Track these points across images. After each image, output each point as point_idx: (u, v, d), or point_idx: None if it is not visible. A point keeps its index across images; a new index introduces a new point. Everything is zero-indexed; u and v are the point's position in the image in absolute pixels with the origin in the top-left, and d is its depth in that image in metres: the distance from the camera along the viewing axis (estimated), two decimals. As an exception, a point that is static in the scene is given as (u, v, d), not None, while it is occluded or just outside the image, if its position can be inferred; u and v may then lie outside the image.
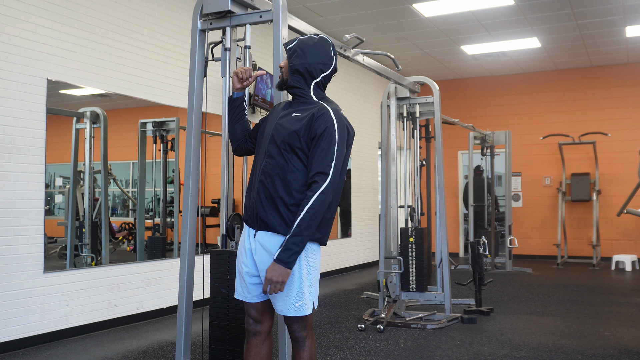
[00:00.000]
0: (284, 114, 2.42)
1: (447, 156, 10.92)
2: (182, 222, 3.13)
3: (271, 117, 2.50)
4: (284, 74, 2.47)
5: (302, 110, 2.37)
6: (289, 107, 2.45)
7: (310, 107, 2.36)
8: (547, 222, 10.34)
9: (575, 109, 10.22)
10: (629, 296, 6.56)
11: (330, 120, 2.28)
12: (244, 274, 2.40)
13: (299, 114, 2.34)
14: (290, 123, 2.33)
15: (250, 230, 2.40)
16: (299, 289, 2.32)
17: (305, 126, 2.29)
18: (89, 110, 5.12)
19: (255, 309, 2.42)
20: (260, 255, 2.34)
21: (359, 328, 4.85)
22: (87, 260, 5.09)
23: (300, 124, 2.30)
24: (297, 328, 2.38)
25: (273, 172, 2.31)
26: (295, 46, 2.43)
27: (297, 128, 2.29)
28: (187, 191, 3.13)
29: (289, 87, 2.47)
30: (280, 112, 2.46)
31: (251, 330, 2.45)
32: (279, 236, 2.30)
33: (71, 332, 4.62)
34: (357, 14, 7.28)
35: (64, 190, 5.12)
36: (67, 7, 4.66)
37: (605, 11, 7.24)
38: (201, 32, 3.13)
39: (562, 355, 4.08)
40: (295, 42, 2.45)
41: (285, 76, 2.46)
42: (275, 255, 2.21)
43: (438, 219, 5.52)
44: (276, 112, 2.49)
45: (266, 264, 2.31)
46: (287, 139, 2.30)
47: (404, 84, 5.40)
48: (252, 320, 2.44)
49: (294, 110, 2.40)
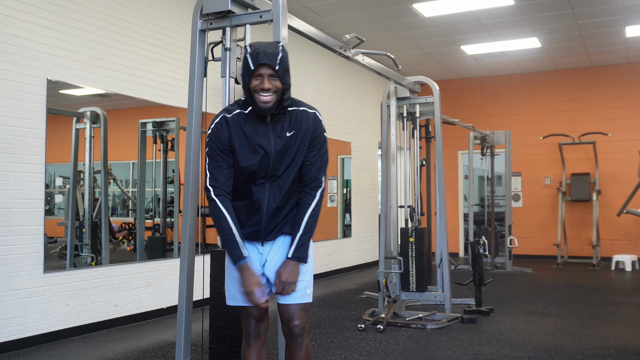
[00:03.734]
0: (280, 136, 2.32)
1: (447, 156, 10.92)
2: (182, 222, 3.13)
3: (249, 135, 2.30)
4: (277, 93, 2.25)
5: (292, 124, 2.34)
6: (269, 124, 2.32)
7: (295, 116, 2.35)
8: (547, 222, 10.34)
9: (575, 109, 10.22)
10: (629, 296, 6.56)
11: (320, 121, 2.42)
12: None
13: (294, 131, 2.33)
14: (294, 144, 2.33)
15: (256, 244, 2.40)
16: (309, 276, 2.43)
17: (306, 138, 2.34)
18: (89, 110, 5.12)
19: (258, 310, 2.41)
20: (273, 256, 2.39)
21: (359, 328, 4.85)
22: (87, 260, 5.09)
23: (303, 139, 2.33)
24: (301, 320, 2.40)
25: (284, 188, 2.35)
26: (285, 60, 2.27)
27: (300, 145, 2.33)
28: (187, 191, 3.13)
29: (282, 107, 2.30)
30: (262, 130, 2.31)
31: (253, 331, 2.43)
32: (288, 236, 2.40)
33: (71, 332, 4.62)
34: (357, 14, 7.28)
35: (64, 190, 5.12)
36: (67, 7, 4.66)
37: (605, 11, 7.24)
38: (201, 32, 3.13)
39: (562, 355, 4.08)
40: (281, 54, 2.25)
41: (279, 95, 2.26)
42: (289, 254, 2.31)
43: (438, 219, 5.52)
44: (254, 129, 2.31)
45: (278, 263, 2.37)
46: (297, 158, 2.33)
47: (404, 84, 5.40)
48: (255, 321, 2.42)
49: (281, 127, 2.32)
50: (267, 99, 2.23)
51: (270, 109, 2.25)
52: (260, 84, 2.23)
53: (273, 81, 2.24)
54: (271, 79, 2.23)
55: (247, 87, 2.27)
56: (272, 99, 2.24)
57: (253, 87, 2.25)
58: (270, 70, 2.23)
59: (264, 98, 2.23)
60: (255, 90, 2.24)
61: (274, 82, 2.24)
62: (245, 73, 2.26)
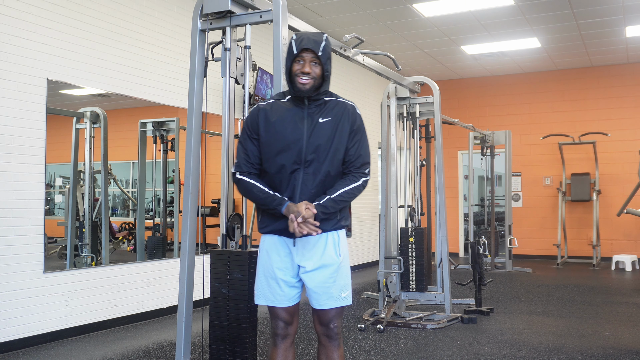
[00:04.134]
0: (314, 122, 2.34)
1: (447, 156, 10.92)
2: (182, 222, 3.13)
3: (282, 122, 2.34)
4: (315, 79, 2.31)
5: (327, 111, 2.37)
6: (305, 109, 2.36)
7: (332, 105, 2.38)
8: (547, 222, 10.34)
9: (575, 109, 10.22)
10: (629, 296, 6.56)
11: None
12: (279, 280, 2.38)
13: (330, 118, 2.35)
14: (328, 129, 2.34)
15: (286, 239, 2.38)
16: (346, 278, 2.42)
17: (343, 128, 2.36)
18: (89, 110, 5.13)
19: (287, 311, 2.41)
20: (304, 250, 2.37)
21: (359, 328, 4.85)
22: (87, 260, 5.09)
23: (340, 126, 2.35)
24: (337, 322, 2.42)
25: (318, 176, 2.33)
26: (328, 49, 2.33)
27: (336, 133, 2.34)
28: (187, 191, 3.13)
29: (319, 93, 2.35)
30: (296, 116, 2.35)
31: (281, 334, 2.42)
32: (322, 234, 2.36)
33: (71, 332, 4.62)
34: (357, 14, 7.28)
35: (64, 190, 5.12)
36: (67, 7, 4.66)
37: (605, 11, 7.24)
38: (201, 32, 3.13)
39: (562, 355, 4.08)
40: (324, 42, 2.32)
41: (317, 82, 2.32)
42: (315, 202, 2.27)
43: (438, 219, 5.52)
44: (289, 116, 2.35)
45: (312, 258, 2.36)
46: (332, 145, 2.33)
47: (404, 84, 5.40)
48: (283, 323, 2.41)
49: (318, 113, 2.35)
50: (305, 81, 2.30)
51: (308, 91, 2.31)
52: (302, 68, 2.30)
53: (314, 67, 2.31)
54: (312, 65, 2.31)
55: (289, 72, 2.34)
56: (311, 83, 2.30)
57: (294, 72, 2.31)
58: (313, 55, 2.30)
59: (303, 80, 2.30)
60: (296, 74, 2.31)
61: (315, 68, 2.31)
62: (288, 58, 2.33)
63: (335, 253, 2.39)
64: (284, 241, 2.38)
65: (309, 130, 2.32)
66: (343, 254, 2.42)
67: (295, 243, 2.36)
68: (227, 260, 2.85)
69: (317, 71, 2.31)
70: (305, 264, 2.37)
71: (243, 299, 2.81)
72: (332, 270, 2.38)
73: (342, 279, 2.41)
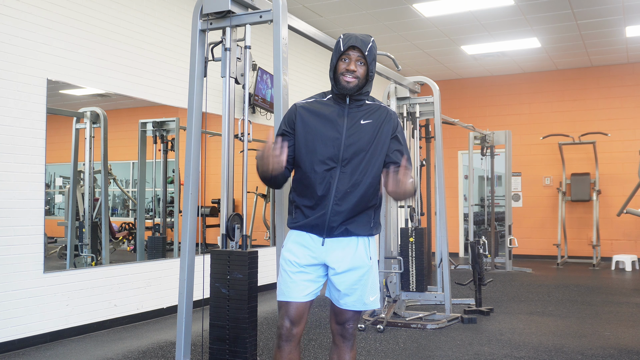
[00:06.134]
0: (354, 122, 2.34)
1: (447, 156, 10.92)
2: (182, 222, 3.13)
3: (321, 118, 2.36)
4: (359, 79, 2.32)
5: (369, 113, 2.38)
6: (345, 108, 2.37)
7: (374, 109, 2.40)
8: (547, 222, 10.34)
9: (575, 109, 10.22)
10: (629, 296, 6.56)
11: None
12: (296, 267, 2.35)
13: (371, 120, 2.36)
14: (369, 131, 2.34)
15: (313, 237, 2.37)
16: (375, 281, 2.42)
17: (384, 131, 2.37)
18: (89, 110, 5.13)
19: (297, 309, 2.35)
20: (334, 251, 2.35)
21: (359, 328, 4.85)
22: (87, 260, 5.09)
23: (381, 130, 2.35)
24: (353, 324, 2.41)
25: (355, 175, 2.31)
26: (374, 50, 2.34)
27: (376, 136, 2.35)
28: (187, 191, 3.13)
29: (361, 93, 2.36)
30: (336, 113, 2.35)
31: (285, 334, 2.36)
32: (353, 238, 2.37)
33: (71, 332, 4.62)
34: (357, 14, 7.28)
35: (64, 190, 5.12)
36: (67, 7, 4.66)
37: (605, 11, 7.24)
38: (201, 32, 3.13)
39: (562, 355, 4.08)
40: (371, 43, 2.33)
41: (361, 82, 2.33)
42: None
43: (438, 219, 5.52)
44: (328, 113, 2.36)
45: (343, 260, 2.35)
46: (371, 147, 2.33)
47: (404, 84, 5.40)
48: (289, 323, 2.35)
49: (358, 114, 2.36)
50: (350, 79, 2.30)
51: (352, 89, 2.31)
52: (347, 66, 2.31)
53: (359, 66, 2.32)
54: (358, 64, 2.31)
55: (333, 70, 2.35)
56: (355, 82, 2.31)
57: (339, 70, 2.32)
58: (359, 54, 2.30)
59: (348, 78, 2.30)
60: (341, 73, 2.32)
61: (360, 68, 2.32)
62: (334, 56, 2.34)
63: (366, 255, 2.38)
64: (312, 239, 2.37)
65: (348, 129, 2.33)
66: (374, 257, 2.42)
67: (324, 243, 2.35)
68: (227, 260, 2.85)
69: (362, 71, 2.32)
70: (335, 266, 2.35)
71: (243, 299, 2.81)
72: (363, 272, 2.37)
73: (372, 282, 2.40)
